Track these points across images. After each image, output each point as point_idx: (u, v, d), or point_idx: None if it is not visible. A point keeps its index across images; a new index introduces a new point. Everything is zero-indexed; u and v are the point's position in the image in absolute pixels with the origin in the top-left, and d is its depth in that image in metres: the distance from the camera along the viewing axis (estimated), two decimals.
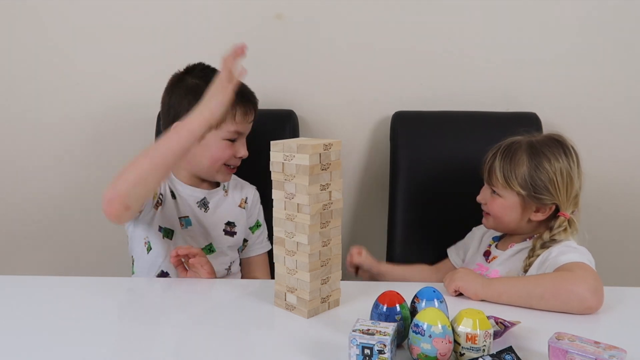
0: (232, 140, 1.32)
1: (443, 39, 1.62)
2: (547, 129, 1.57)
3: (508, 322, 0.89)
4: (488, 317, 0.84)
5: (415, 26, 1.61)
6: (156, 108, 1.59)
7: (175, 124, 1.15)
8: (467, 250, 1.38)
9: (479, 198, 1.27)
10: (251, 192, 1.46)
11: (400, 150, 1.56)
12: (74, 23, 1.63)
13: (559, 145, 1.21)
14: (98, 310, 1.02)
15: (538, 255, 1.16)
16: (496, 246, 1.30)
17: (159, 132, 1.57)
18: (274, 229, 1.00)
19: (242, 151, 1.33)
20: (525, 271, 1.17)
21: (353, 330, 0.80)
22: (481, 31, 1.61)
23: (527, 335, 0.90)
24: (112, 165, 1.69)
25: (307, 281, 0.96)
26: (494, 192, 1.23)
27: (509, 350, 0.81)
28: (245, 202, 1.45)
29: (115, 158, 1.69)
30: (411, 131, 1.57)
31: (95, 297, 1.08)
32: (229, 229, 1.40)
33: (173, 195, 1.34)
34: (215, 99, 1.05)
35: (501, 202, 1.22)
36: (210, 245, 1.37)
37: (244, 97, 1.31)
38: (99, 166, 1.70)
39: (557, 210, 1.20)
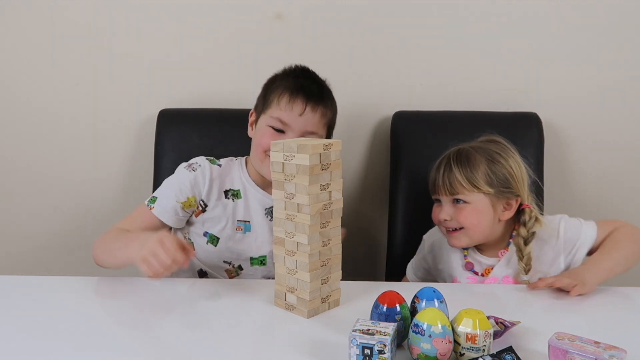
0: (279, 131, 1.24)
1: (443, 39, 1.62)
2: (547, 129, 1.57)
3: (508, 322, 0.89)
4: (488, 317, 0.84)
5: (415, 26, 1.61)
6: (156, 107, 1.60)
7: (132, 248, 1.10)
8: (428, 263, 1.34)
9: (441, 216, 1.22)
10: None
11: (400, 150, 1.56)
12: (75, 23, 1.63)
13: (500, 144, 1.24)
14: (97, 310, 1.02)
15: (529, 254, 1.18)
16: (478, 252, 1.27)
17: (159, 131, 1.57)
18: (274, 229, 1.00)
19: None
20: (527, 272, 1.18)
21: (353, 330, 0.80)
22: (481, 31, 1.61)
23: (527, 335, 0.90)
24: (112, 165, 1.70)
25: (307, 281, 0.96)
26: (456, 202, 1.21)
27: (509, 350, 0.81)
28: None
29: (116, 158, 1.70)
30: (411, 131, 1.57)
31: (94, 297, 1.08)
32: None
33: (237, 196, 1.30)
34: (138, 249, 1.04)
35: (471, 208, 1.19)
36: (264, 257, 1.30)
37: (297, 87, 1.25)
38: (99, 166, 1.70)
39: (520, 205, 1.22)
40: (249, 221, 1.29)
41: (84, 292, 1.10)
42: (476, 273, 1.25)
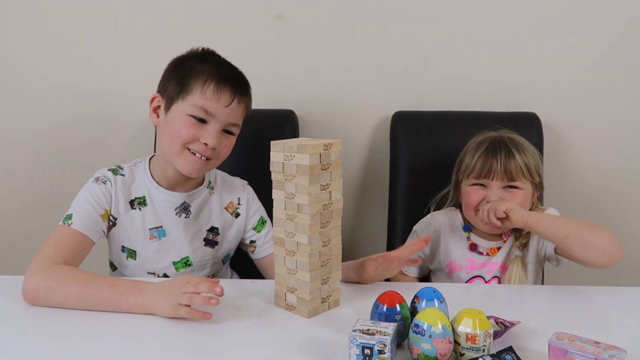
0: (201, 121, 1.15)
1: (443, 40, 1.62)
2: (547, 129, 1.57)
3: (508, 322, 0.90)
4: (488, 317, 0.84)
5: (415, 26, 1.61)
6: None
7: (124, 290, 0.99)
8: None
9: (491, 198, 1.22)
10: (242, 191, 1.31)
11: (400, 150, 1.56)
12: (75, 23, 1.63)
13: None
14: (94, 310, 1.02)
15: (528, 233, 1.24)
16: (480, 236, 1.30)
17: None
18: (274, 229, 1.00)
19: (208, 137, 1.14)
20: (522, 249, 1.25)
21: (353, 330, 0.80)
22: (481, 31, 1.61)
23: (527, 335, 0.90)
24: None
25: (307, 281, 0.96)
26: (509, 187, 1.23)
27: (509, 350, 0.81)
28: (239, 203, 1.29)
29: (116, 158, 1.69)
30: (411, 131, 1.57)
31: None
32: (212, 237, 1.26)
33: (143, 203, 1.22)
34: (167, 307, 0.95)
35: (523, 194, 1.23)
36: (187, 258, 1.24)
37: (224, 75, 1.17)
38: (99, 166, 1.68)
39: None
40: (161, 226, 1.22)
41: None
42: (481, 253, 1.28)
